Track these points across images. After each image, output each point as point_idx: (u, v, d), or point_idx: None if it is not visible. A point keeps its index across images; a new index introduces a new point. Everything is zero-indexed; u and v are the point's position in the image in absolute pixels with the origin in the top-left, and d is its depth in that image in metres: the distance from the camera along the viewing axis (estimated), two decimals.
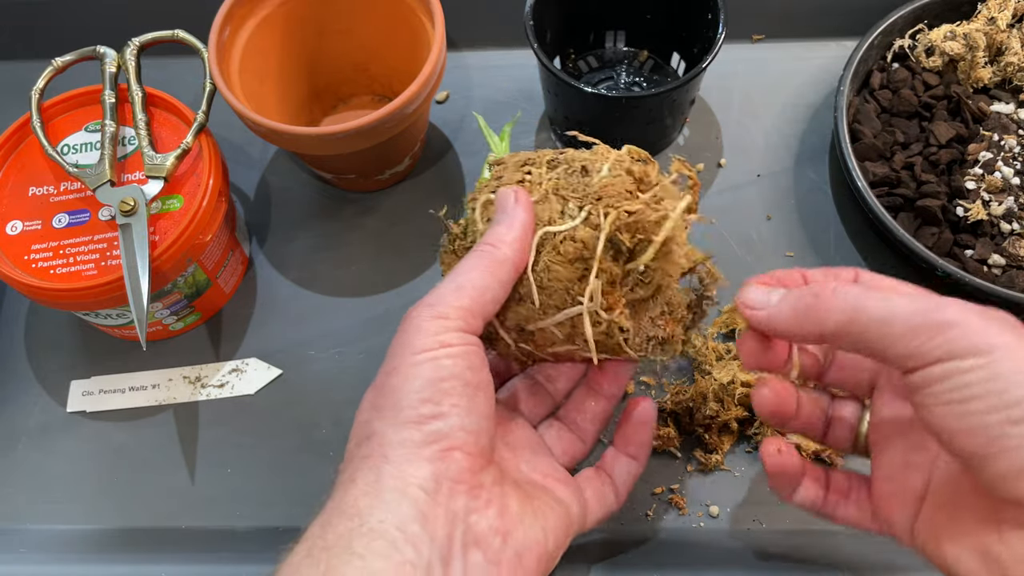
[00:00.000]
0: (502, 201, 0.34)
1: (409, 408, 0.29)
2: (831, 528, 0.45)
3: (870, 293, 0.28)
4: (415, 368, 0.30)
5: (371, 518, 0.28)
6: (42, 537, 0.48)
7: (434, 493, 0.29)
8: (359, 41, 0.56)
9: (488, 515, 0.30)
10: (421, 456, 0.29)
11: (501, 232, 0.33)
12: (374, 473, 0.29)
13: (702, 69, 0.49)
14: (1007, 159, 0.50)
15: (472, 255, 0.32)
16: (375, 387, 0.31)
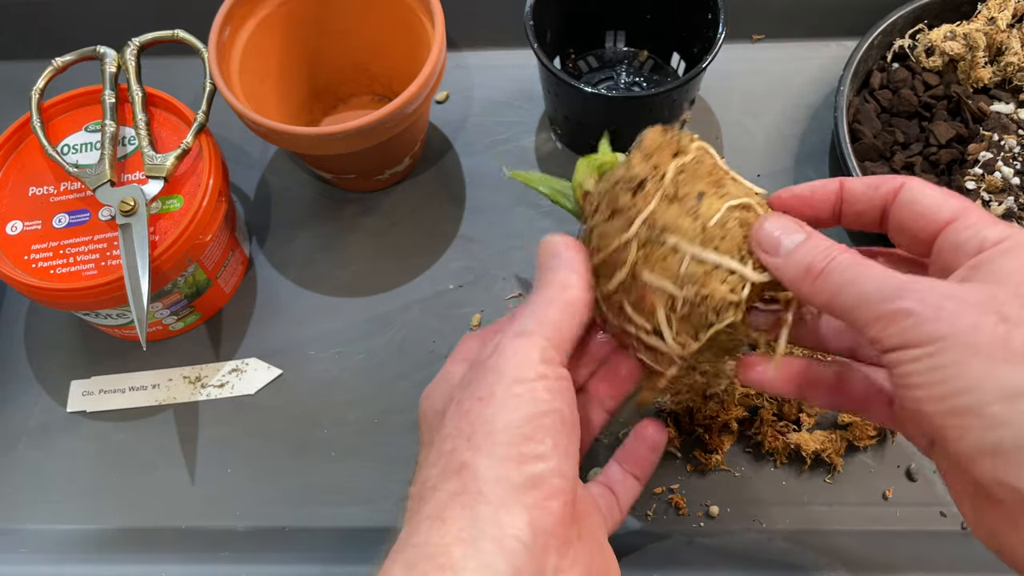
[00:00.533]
0: (548, 251, 0.33)
1: (508, 445, 0.27)
2: (831, 528, 0.45)
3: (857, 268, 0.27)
4: (514, 399, 0.28)
5: (465, 571, 0.25)
6: (42, 537, 0.48)
7: (531, 547, 0.26)
8: (359, 41, 0.56)
9: (573, 574, 0.28)
10: (520, 502, 0.27)
11: (560, 278, 0.32)
12: (469, 515, 0.26)
13: (702, 69, 0.49)
14: (1007, 159, 0.50)
15: (547, 291, 0.31)
16: (462, 412, 0.29)
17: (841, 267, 0.28)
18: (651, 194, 0.31)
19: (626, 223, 0.31)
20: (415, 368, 0.51)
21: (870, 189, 0.31)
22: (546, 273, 0.32)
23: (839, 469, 0.46)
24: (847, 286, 0.27)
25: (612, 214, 0.32)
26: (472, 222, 0.56)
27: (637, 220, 0.31)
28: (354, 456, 0.49)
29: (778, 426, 0.46)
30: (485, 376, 0.29)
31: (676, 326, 0.31)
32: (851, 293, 0.27)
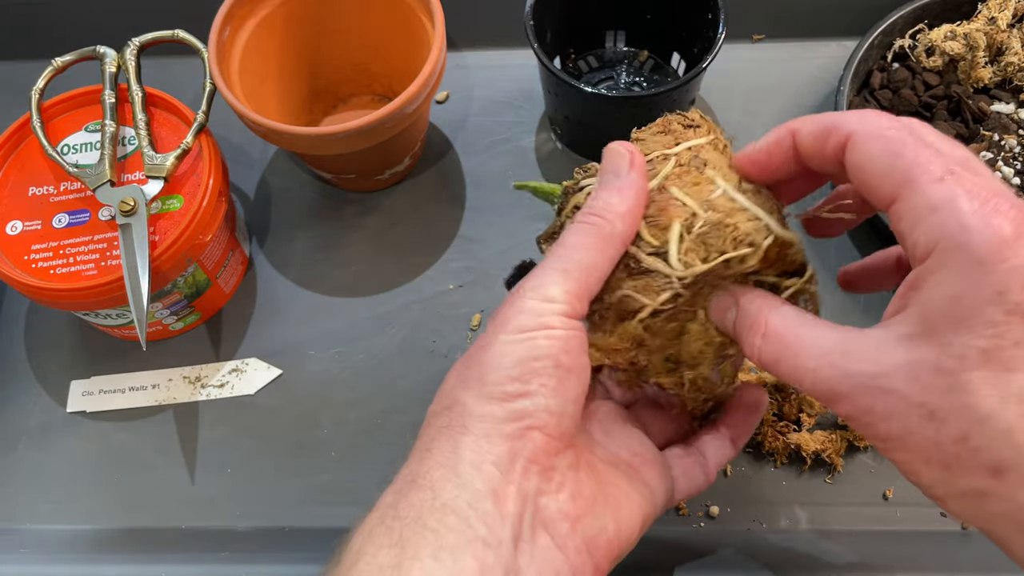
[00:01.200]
0: (613, 162, 0.31)
1: (495, 384, 0.29)
2: (831, 528, 0.45)
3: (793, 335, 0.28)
4: (509, 346, 0.29)
5: (444, 492, 0.27)
6: (42, 537, 0.48)
7: (507, 472, 0.28)
8: (359, 41, 0.56)
9: (559, 499, 0.29)
10: (501, 432, 0.28)
11: (611, 200, 0.30)
12: (451, 445, 0.28)
13: (702, 69, 0.49)
14: (1007, 159, 0.49)
15: (578, 228, 0.30)
16: (465, 359, 0.31)
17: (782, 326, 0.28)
18: (702, 131, 0.32)
19: (672, 141, 0.32)
20: (415, 368, 0.51)
21: (819, 142, 0.28)
22: (598, 192, 0.31)
23: (839, 469, 0.46)
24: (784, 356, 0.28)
25: (663, 131, 0.32)
26: (472, 222, 0.56)
27: (684, 144, 0.31)
28: (354, 456, 0.49)
29: (778, 426, 0.46)
30: (494, 323, 0.30)
31: (687, 245, 0.30)
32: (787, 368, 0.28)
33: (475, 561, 0.26)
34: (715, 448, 0.37)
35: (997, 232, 0.23)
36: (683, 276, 0.29)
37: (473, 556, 0.26)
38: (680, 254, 0.30)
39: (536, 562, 0.28)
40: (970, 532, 0.44)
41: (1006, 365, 0.23)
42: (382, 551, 0.26)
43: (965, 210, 0.23)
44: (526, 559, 0.28)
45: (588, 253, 0.30)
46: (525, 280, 0.30)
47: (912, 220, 0.25)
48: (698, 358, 0.33)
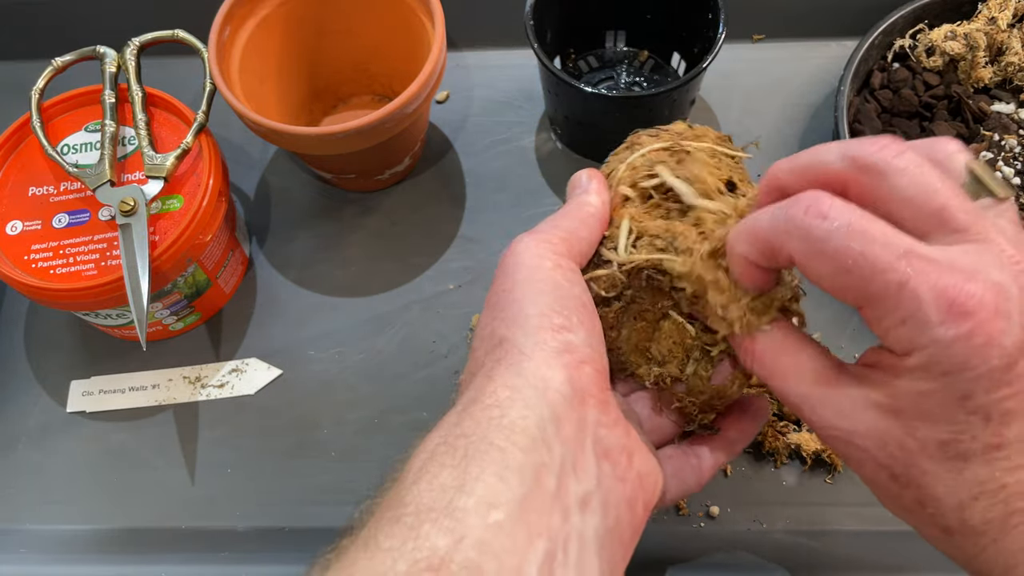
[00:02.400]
0: (575, 181, 0.35)
1: (540, 316, 0.29)
2: (831, 528, 0.45)
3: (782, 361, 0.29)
4: (538, 283, 0.30)
5: (511, 411, 0.27)
6: (42, 537, 0.48)
7: (570, 399, 0.28)
8: (359, 41, 0.56)
9: (617, 432, 0.29)
10: (560, 361, 0.28)
11: (585, 197, 0.33)
12: (514, 370, 0.28)
13: (702, 69, 0.49)
14: (1008, 159, 0.49)
15: (564, 208, 0.33)
16: (492, 305, 0.31)
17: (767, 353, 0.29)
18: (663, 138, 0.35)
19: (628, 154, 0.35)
20: (415, 368, 0.51)
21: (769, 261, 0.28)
22: (568, 200, 0.34)
23: (839, 469, 0.46)
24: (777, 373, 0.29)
25: (656, 136, 0.35)
26: (472, 222, 0.56)
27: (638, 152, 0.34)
28: (354, 456, 0.49)
29: (778, 426, 0.46)
30: (505, 271, 0.31)
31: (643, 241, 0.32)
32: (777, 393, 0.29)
33: (539, 485, 0.25)
34: (710, 451, 0.37)
35: (966, 343, 0.23)
36: (622, 262, 0.32)
37: (537, 480, 0.25)
38: (627, 248, 0.32)
39: (603, 488, 0.28)
40: None
41: (962, 456, 0.25)
42: (444, 470, 0.25)
43: (933, 321, 0.24)
44: (591, 483, 0.27)
45: (574, 221, 0.32)
46: (522, 235, 0.32)
47: (883, 330, 0.25)
48: (667, 356, 0.34)
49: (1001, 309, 0.23)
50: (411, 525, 0.24)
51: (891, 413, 0.26)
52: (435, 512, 0.24)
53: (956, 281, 0.23)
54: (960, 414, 0.24)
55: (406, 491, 0.25)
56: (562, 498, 0.26)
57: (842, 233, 0.24)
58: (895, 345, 0.25)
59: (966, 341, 0.23)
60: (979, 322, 0.23)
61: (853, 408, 0.26)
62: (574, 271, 0.31)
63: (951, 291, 0.23)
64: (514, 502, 0.25)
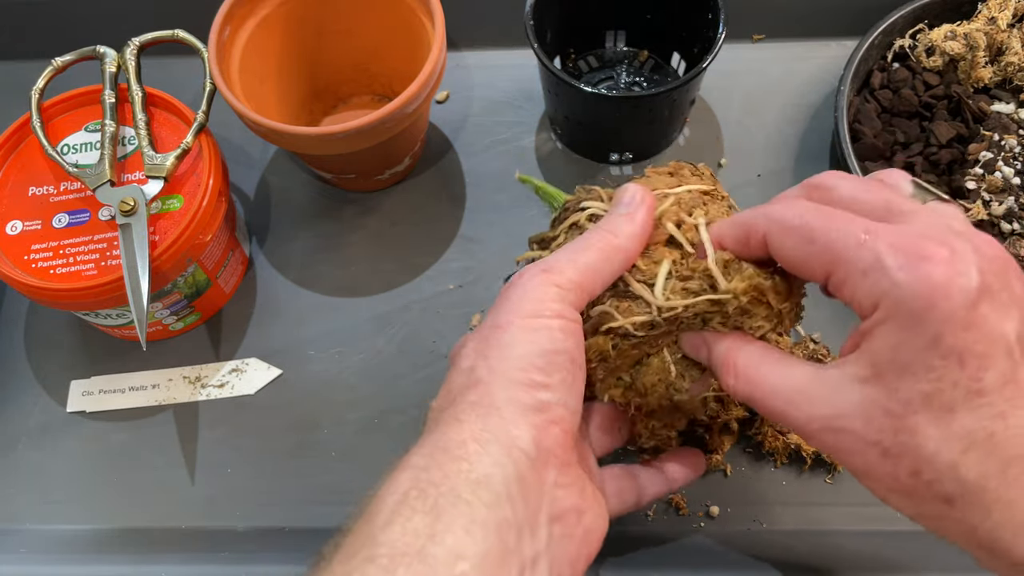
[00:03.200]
0: (625, 196, 0.33)
1: (521, 371, 0.29)
2: (831, 528, 0.45)
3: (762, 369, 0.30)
4: (531, 333, 0.30)
5: (479, 467, 0.28)
6: (42, 537, 0.48)
7: (534, 459, 0.29)
8: (359, 41, 0.56)
9: (572, 493, 0.30)
10: (528, 420, 0.29)
11: (621, 223, 0.32)
12: (482, 422, 0.29)
13: (702, 69, 0.49)
14: (1007, 159, 0.49)
15: (591, 236, 0.32)
16: (481, 338, 0.31)
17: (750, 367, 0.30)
18: (707, 180, 0.35)
19: (676, 183, 0.35)
20: (415, 368, 0.51)
21: (743, 247, 0.30)
22: (609, 217, 0.33)
23: (839, 469, 0.46)
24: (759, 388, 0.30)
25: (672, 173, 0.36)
26: (472, 222, 0.56)
27: (685, 187, 0.34)
28: (354, 456, 0.49)
29: (778, 426, 0.46)
30: (505, 305, 0.31)
31: (673, 283, 0.32)
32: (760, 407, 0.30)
33: (500, 540, 0.27)
34: (650, 478, 0.38)
35: (926, 281, 0.24)
36: (663, 307, 0.31)
37: (499, 535, 0.27)
38: (666, 289, 0.31)
39: (550, 550, 0.29)
40: None
41: (947, 406, 0.25)
42: (416, 515, 0.27)
43: (891, 266, 0.25)
44: (542, 544, 0.29)
45: (597, 256, 0.31)
46: (536, 264, 0.32)
47: (849, 290, 0.26)
48: (650, 390, 0.34)
49: (957, 257, 0.25)
50: (385, 567, 0.25)
51: (871, 380, 0.26)
52: (408, 557, 0.25)
53: (911, 237, 0.25)
54: (935, 359, 0.25)
55: (379, 531, 0.26)
56: (519, 554, 0.28)
57: (808, 212, 0.28)
58: (863, 302, 0.26)
59: (926, 281, 0.24)
60: (936, 263, 0.24)
61: (835, 391, 0.27)
62: (575, 321, 0.31)
63: (906, 242, 0.25)
64: (479, 555, 0.26)
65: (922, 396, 0.25)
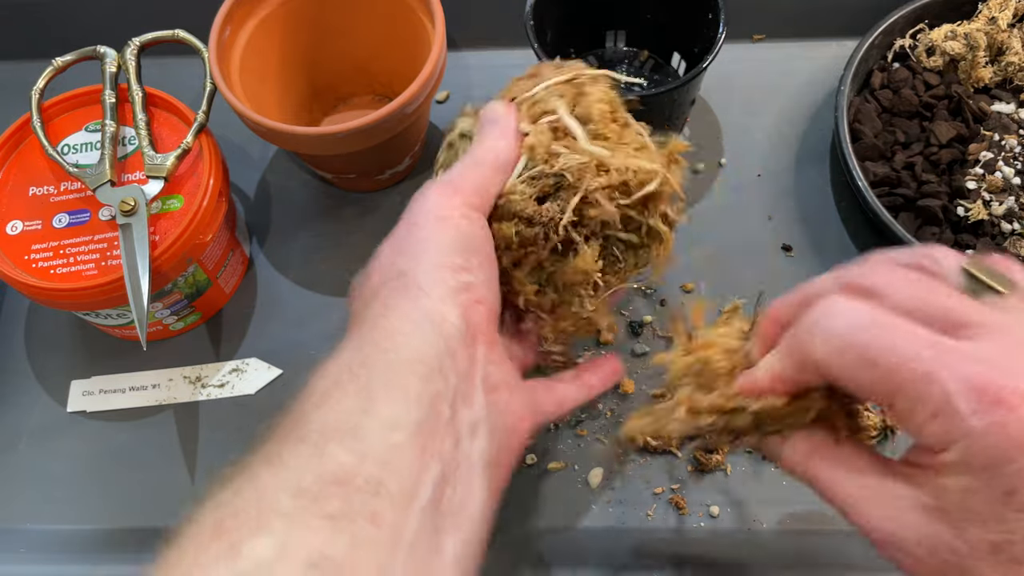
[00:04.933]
0: (488, 113, 0.35)
1: (441, 255, 0.31)
2: (831, 528, 0.45)
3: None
4: (442, 225, 0.31)
5: (412, 342, 0.29)
6: (42, 537, 0.48)
7: (463, 334, 0.30)
8: (359, 41, 0.56)
9: (503, 369, 0.31)
10: (455, 299, 0.30)
11: (496, 136, 0.34)
12: (411, 303, 0.30)
13: (702, 69, 0.49)
14: (1008, 159, 0.49)
15: (477, 152, 0.34)
16: (394, 239, 0.33)
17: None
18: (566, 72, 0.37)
19: (532, 85, 0.36)
20: None
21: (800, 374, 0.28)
22: (481, 135, 0.35)
23: None
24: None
25: (532, 76, 0.38)
26: None
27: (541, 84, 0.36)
28: None
29: None
30: (413, 211, 0.33)
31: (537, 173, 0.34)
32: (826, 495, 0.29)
33: (435, 412, 0.27)
34: (567, 387, 0.38)
35: (1002, 432, 0.23)
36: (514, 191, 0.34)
37: (433, 407, 0.28)
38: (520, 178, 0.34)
39: (489, 418, 0.30)
40: None
41: (1014, 558, 0.24)
42: (348, 397, 0.27)
43: (965, 412, 0.23)
44: (479, 412, 0.30)
45: (487, 169, 0.33)
46: (435, 180, 0.34)
47: (917, 425, 0.24)
48: (571, 289, 0.35)
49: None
50: (316, 443, 0.26)
51: (938, 514, 0.25)
52: (340, 432, 0.26)
53: (983, 370, 0.23)
54: (1008, 512, 0.23)
55: (310, 412, 0.27)
56: (455, 425, 0.28)
57: (866, 325, 0.25)
58: (931, 441, 0.24)
59: (1001, 430, 0.23)
60: (1011, 409, 0.23)
61: (899, 510, 0.26)
62: (480, 219, 0.33)
63: (979, 379, 0.23)
64: (413, 425, 0.26)
65: (990, 546, 0.24)
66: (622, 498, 0.46)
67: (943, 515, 0.25)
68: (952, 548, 0.25)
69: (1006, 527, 0.23)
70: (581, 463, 0.47)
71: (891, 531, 0.26)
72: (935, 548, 0.25)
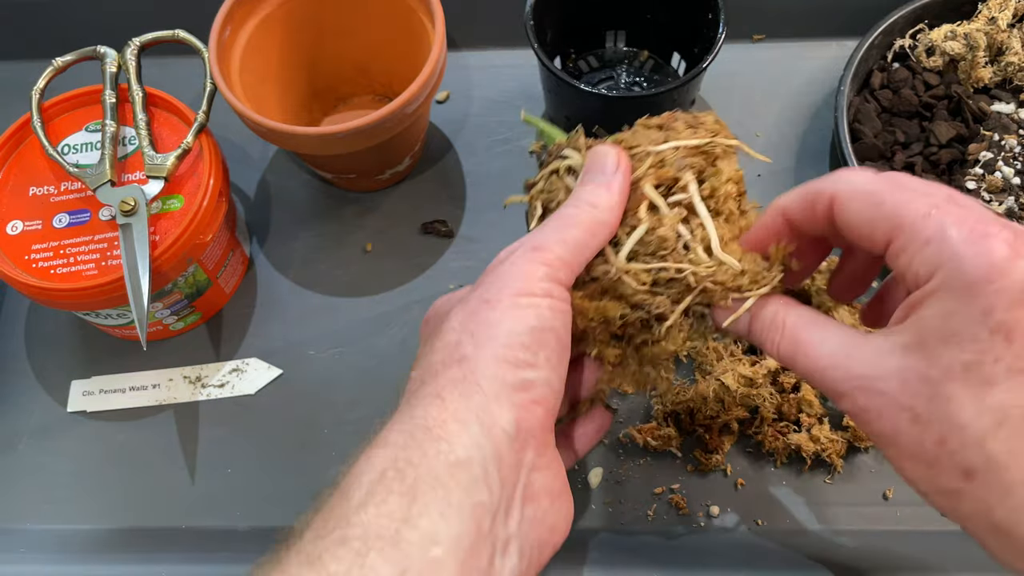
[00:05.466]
0: (598, 160, 0.32)
1: (507, 348, 0.29)
2: (831, 528, 0.45)
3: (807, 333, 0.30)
4: (519, 310, 0.30)
5: (459, 447, 0.28)
6: (42, 537, 0.48)
7: (513, 439, 0.29)
8: (359, 41, 0.56)
9: (546, 476, 0.30)
10: (511, 399, 0.29)
11: (601, 194, 0.32)
12: (465, 400, 0.29)
13: (702, 69, 0.49)
14: (1007, 159, 0.50)
15: (575, 210, 0.32)
16: (469, 311, 0.31)
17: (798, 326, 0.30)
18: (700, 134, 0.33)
19: (663, 138, 0.33)
20: None
21: (808, 212, 0.30)
22: (585, 186, 0.32)
23: (839, 469, 0.46)
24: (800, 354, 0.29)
25: (661, 126, 0.34)
26: (472, 222, 0.56)
27: (671, 143, 0.32)
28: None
29: (778, 426, 0.46)
30: (494, 281, 0.31)
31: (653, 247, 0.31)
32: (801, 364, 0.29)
33: (475, 524, 0.27)
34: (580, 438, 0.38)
35: (987, 256, 0.25)
36: (621, 269, 0.31)
37: (474, 518, 0.27)
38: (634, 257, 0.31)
39: (521, 532, 0.29)
40: None
41: (986, 379, 0.25)
42: (392, 497, 0.27)
43: (955, 238, 0.25)
44: (514, 527, 0.29)
45: (583, 232, 0.31)
46: (525, 240, 0.31)
47: (908, 256, 0.26)
48: (654, 361, 0.34)
49: (1020, 241, 0.25)
50: (358, 551, 0.25)
51: (914, 348, 0.26)
52: (381, 541, 0.26)
53: (976, 216, 0.26)
54: (982, 331, 0.24)
55: (353, 512, 0.26)
56: (492, 539, 0.28)
57: (880, 180, 0.28)
58: (919, 270, 0.26)
59: (987, 255, 0.25)
60: (999, 241, 0.25)
61: (877, 354, 0.27)
62: (562, 300, 0.31)
63: (971, 219, 0.25)
64: (452, 539, 0.26)
65: (963, 365, 0.25)
66: (622, 498, 0.46)
67: (919, 347, 0.26)
68: (925, 376, 0.26)
69: (979, 347, 0.25)
70: (581, 463, 0.47)
71: (866, 374, 0.27)
72: (907, 379, 0.26)
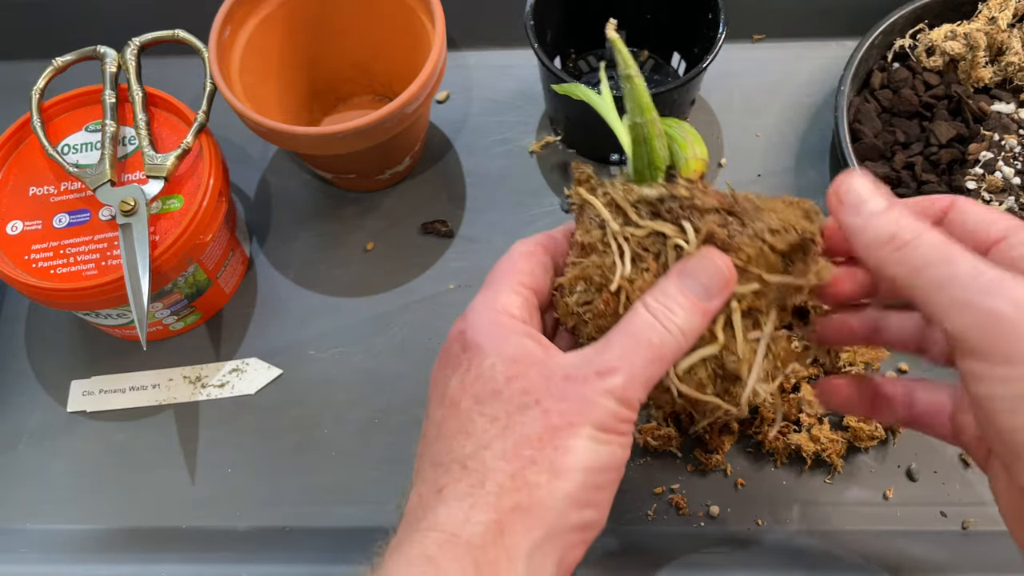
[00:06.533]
0: (709, 269, 0.29)
1: (582, 489, 0.28)
2: (831, 528, 0.45)
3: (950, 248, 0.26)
4: (599, 446, 0.28)
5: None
6: (42, 537, 0.48)
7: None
8: (359, 41, 0.56)
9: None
10: (564, 540, 0.28)
11: (695, 322, 0.29)
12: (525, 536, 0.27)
13: (702, 69, 0.49)
14: (1008, 159, 0.49)
15: (665, 334, 0.29)
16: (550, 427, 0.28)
17: (931, 243, 0.26)
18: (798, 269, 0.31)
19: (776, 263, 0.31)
20: (415, 368, 0.51)
21: (922, 211, 0.30)
22: (684, 297, 0.29)
23: (839, 469, 0.46)
24: (936, 264, 0.26)
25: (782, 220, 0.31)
26: (472, 222, 0.56)
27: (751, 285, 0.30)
28: (354, 456, 0.49)
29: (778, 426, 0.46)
30: (572, 409, 0.28)
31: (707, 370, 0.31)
32: (939, 273, 0.26)
33: None
34: None
35: None
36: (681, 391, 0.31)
37: None
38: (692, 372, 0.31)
39: None
40: (970, 532, 0.44)
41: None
42: None
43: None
44: None
45: (665, 366, 0.29)
46: (600, 364, 0.29)
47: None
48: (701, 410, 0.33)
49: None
50: None
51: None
52: None
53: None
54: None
55: None
56: None
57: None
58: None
59: None
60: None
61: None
62: (631, 429, 0.29)
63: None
64: None
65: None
66: (622, 498, 0.46)
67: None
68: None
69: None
70: None
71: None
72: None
